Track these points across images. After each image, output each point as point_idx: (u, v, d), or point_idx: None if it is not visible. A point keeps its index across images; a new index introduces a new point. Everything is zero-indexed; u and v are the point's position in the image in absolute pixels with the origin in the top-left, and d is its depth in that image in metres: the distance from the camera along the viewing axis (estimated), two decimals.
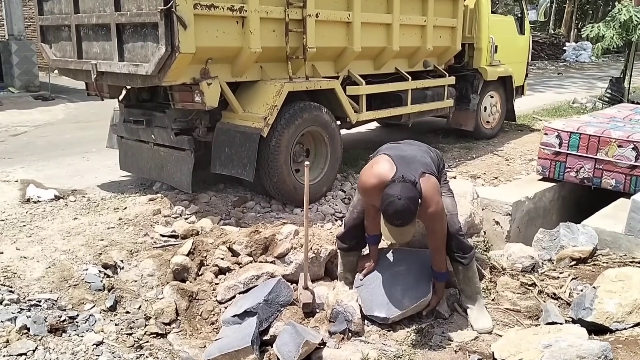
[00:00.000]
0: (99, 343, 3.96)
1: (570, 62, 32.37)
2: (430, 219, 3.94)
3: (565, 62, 32.28)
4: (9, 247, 5.01)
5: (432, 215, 3.89)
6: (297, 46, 6.53)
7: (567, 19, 40.08)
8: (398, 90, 8.19)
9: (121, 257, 5.02)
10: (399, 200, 3.56)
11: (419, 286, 4.29)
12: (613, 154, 6.43)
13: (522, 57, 11.40)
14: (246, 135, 6.07)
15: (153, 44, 5.51)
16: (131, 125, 6.86)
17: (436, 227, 4.02)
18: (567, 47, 34.89)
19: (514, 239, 6.20)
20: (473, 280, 4.38)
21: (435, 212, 3.89)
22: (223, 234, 5.33)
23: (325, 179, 6.94)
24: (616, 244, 5.42)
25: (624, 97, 14.20)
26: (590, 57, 32.42)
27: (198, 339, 4.32)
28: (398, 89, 8.18)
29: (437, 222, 3.98)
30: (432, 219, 3.94)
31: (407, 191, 3.62)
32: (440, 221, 3.98)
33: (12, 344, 3.76)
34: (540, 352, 3.44)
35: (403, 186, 3.64)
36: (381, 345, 3.96)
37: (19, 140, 9.99)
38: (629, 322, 3.98)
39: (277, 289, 4.35)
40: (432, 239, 4.13)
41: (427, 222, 4.02)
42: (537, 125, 11.91)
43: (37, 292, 4.35)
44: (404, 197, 3.58)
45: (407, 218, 3.63)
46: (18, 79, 15.44)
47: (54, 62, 6.99)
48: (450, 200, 4.34)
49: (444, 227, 4.05)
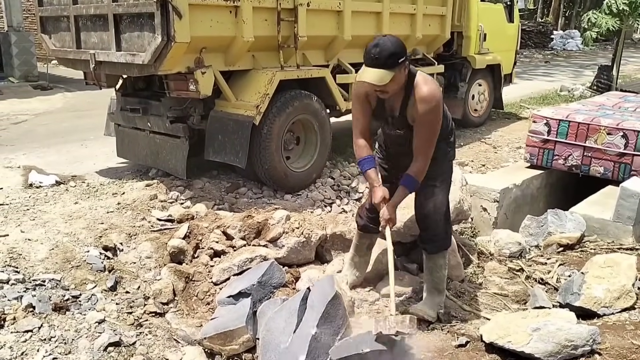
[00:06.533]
0: (100, 321, 4.07)
1: (557, 51, 32.39)
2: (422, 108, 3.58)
3: (552, 51, 32.30)
4: (14, 229, 5.11)
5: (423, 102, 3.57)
6: (288, 35, 6.63)
7: (555, 7, 39.87)
8: None
9: (120, 239, 5.15)
10: (384, 37, 3.51)
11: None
12: (602, 141, 6.46)
13: (510, 45, 11.40)
14: (239, 123, 6.17)
15: (149, 33, 5.59)
16: (128, 113, 6.99)
17: (425, 120, 3.61)
18: (555, 35, 34.84)
19: (501, 225, 6.23)
20: (434, 274, 4.16)
21: (428, 98, 3.57)
22: (217, 219, 5.44)
23: (315, 166, 7.07)
24: (604, 230, 5.49)
25: (613, 85, 14.35)
26: (578, 45, 32.48)
27: (194, 318, 4.43)
28: None
29: (429, 114, 3.59)
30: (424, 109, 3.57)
31: (397, 41, 3.49)
32: (432, 114, 3.60)
33: (18, 321, 3.86)
34: (528, 335, 3.42)
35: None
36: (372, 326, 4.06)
37: (20, 128, 10.10)
38: (616, 307, 4.03)
39: (270, 271, 4.46)
40: (418, 135, 3.69)
41: (418, 112, 3.61)
42: (525, 114, 12.00)
43: (42, 273, 4.44)
44: (390, 39, 3.48)
45: (385, 54, 3.41)
46: (17, 69, 15.55)
47: (53, 52, 7.07)
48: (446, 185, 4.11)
49: (436, 126, 3.66)
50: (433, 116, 3.62)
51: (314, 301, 3.83)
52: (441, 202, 4.06)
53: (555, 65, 24.16)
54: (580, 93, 14.69)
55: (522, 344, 3.40)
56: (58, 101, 12.90)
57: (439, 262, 4.15)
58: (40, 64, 15.92)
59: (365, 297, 4.37)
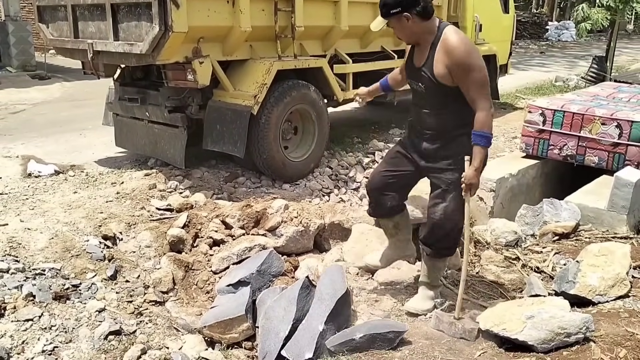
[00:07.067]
0: (101, 310, 4.11)
1: (552, 41, 32.39)
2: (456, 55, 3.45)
3: (547, 41, 32.31)
4: (13, 219, 5.13)
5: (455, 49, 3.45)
6: (285, 25, 6.63)
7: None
8: (384, 68, 8.16)
9: (120, 229, 5.17)
10: None
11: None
12: (596, 131, 6.46)
13: (506, 35, 11.39)
14: (237, 112, 6.18)
15: (147, 23, 5.58)
16: (126, 103, 6.98)
17: (470, 79, 3.47)
18: (550, 26, 34.82)
19: (497, 214, 6.24)
20: (430, 273, 4.05)
21: (457, 43, 3.45)
22: (216, 208, 5.47)
23: (313, 156, 7.09)
24: (599, 219, 5.51)
25: (607, 76, 14.39)
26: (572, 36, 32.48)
27: (194, 306, 4.47)
28: (384, 67, 8.16)
29: (471, 74, 3.45)
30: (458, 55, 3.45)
31: None
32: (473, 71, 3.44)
33: (19, 310, 3.89)
34: (523, 322, 3.43)
35: None
36: (369, 315, 4.09)
37: (19, 117, 10.10)
38: (610, 295, 4.04)
39: (269, 260, 4.51)
40: (465, 85, 3.51)
41: (452, 62, 3.47)
42: (520, 104, 12.00)
43: (42, 262, 4.47)
44: None
45: (381, 4, 3.63)
46: (15, 58, 15.51)
47: (51, 41, 7.04)
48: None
49: (478, 68, 3.45)
50: (471, 60, 3.46)
51: (323, 293, 3.85)
52: (452, 210, 3.75)
53: (550, 56, 24.17)
54: (575, 83, 14.72)
55: (516, 331, 3.43)
56: (56, 91, 12.89)
57: (437, 265, 4.05)
58: (38, 53, 15.90)
59: (363, 286, 4.41)
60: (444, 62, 3.51)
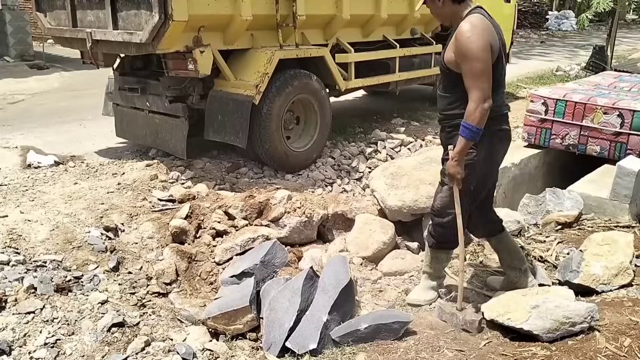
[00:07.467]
0: (103, 302, 4.08)
1: (553, 31, 32.24)
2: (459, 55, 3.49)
3: (548, 31, 32.19)
4: (13, 210, 5.09)
5: (457, 36, 3.51)
6: (287, 14, 6.57)
7: None
8: (386, 57, 8.24)
9: (122, 220, 5.15)
10: None
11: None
12: (599, 120, 6.45)
13: (507, 25, 11.29)
14: (238, 102, 6.14)
15: (147, 12, 5.53)
16: (126, 93, 6.94)
17: (465, 67, 3.46)
18: (550, 15, 34.70)
19: (500, 204, 6.18)
20: (432, 264, 4.06)
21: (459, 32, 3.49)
22: (219, 199, 5.46)
23: (315, 146, 7.06)
24: (601, 208, 5.51)
25: (607, 65, 14.35)
26: (573, 25, 32.40)
27: (198, 298, 4.46)
28: (386, 57, 8.23)
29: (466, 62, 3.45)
30: (458, 43, 3.49)
31: None
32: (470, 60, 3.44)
33: (20, 303, 3.86)
34: (527, 312, 3.43)
35: None
36: (374, 305, 4.10)
37: (17, 107, 10.03)
38: (614, 284, 4.04)
39: (273, 251, 4.49)
40: (465, 79, 3.52)
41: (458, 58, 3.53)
42: (521, 93, 11.99)
43: (43, 254, 4.44)
44: None
45: None
46: (13, 48, 15.43)
47: (49, 30, 6.99)
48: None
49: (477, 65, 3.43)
50: (470, 48, 3.43)
51: (327, 284, 3.85)
52: (447, 204, 3.76)
53: (551, 46, 24.08)
54: (576, 73, 14.69)
55: (521, 321, 3.45)
56: (55, 81, 12.81)
57: (440, 256, 4.04)
58: (36, 43, 15.83)
59: (367, 276, 4.40)
60: (452, 48, 3.57)
